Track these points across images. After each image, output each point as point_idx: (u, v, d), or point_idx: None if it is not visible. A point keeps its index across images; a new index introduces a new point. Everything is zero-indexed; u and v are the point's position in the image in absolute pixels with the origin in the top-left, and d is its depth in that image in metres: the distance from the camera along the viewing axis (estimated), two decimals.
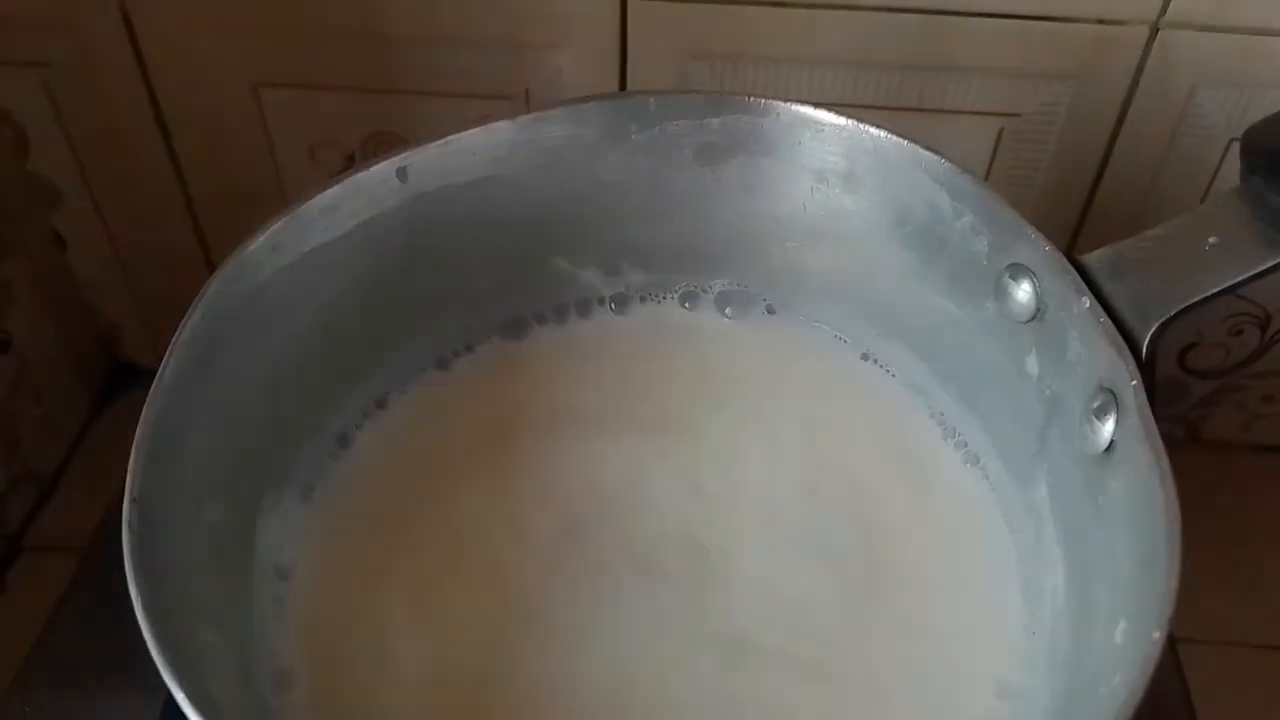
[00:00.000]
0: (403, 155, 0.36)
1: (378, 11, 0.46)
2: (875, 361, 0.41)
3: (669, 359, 0.41)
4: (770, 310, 0.42)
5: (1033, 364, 0.35)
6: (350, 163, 0.51)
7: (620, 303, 0.42)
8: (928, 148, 0.36)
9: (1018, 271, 0.34)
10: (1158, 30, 0.45)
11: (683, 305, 0.42)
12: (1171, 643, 0.45)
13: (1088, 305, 0.32)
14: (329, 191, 0.35)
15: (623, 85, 0.48)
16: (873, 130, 0.36)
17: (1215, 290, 0.31)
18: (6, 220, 0.53)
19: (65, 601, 0.45)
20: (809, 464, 0.38)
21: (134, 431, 0.30)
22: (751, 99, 0.38)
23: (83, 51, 0.48)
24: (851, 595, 0.35)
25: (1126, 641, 0.27)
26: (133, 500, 0.28)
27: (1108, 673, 0.27)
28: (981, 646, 0.34)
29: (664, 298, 0.42)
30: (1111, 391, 0.31)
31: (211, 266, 0.33)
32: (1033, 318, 0.34)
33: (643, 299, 0.42)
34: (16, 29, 0.48)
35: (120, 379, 0.61)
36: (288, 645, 0.33)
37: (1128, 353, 0.31)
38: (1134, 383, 0.30)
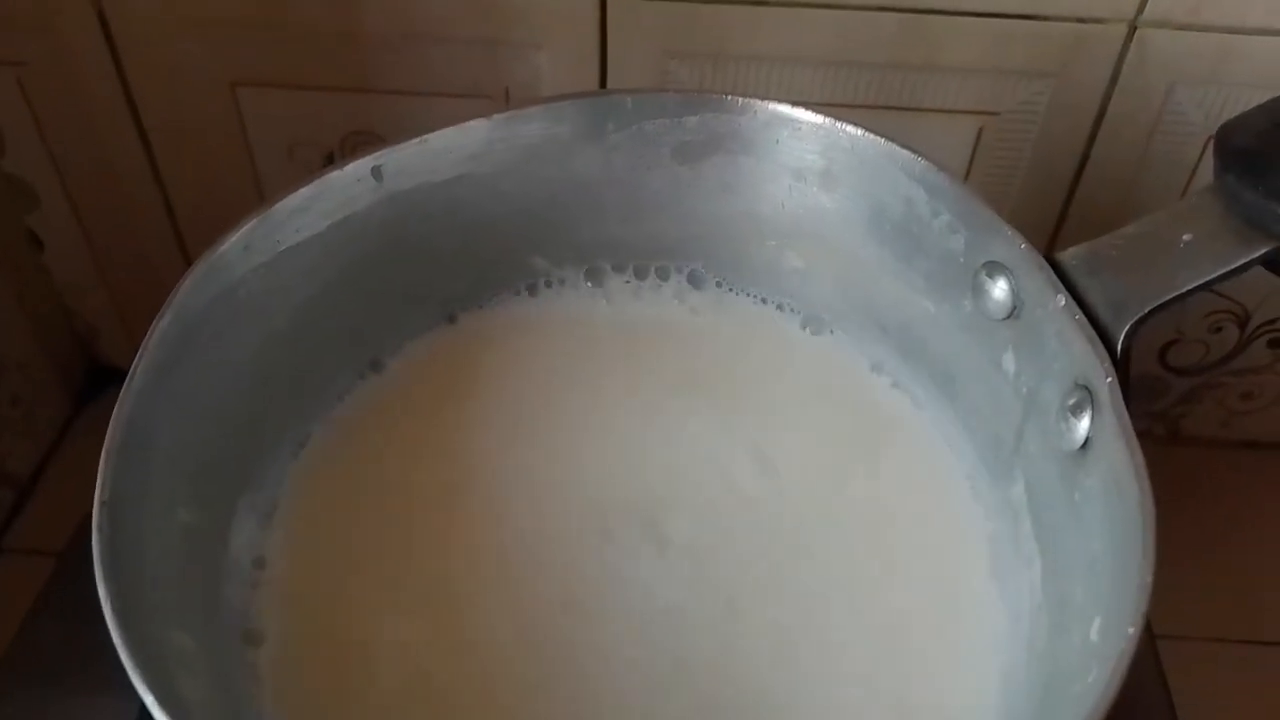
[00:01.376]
0: (377, 154, 0.36)
1: (357, 9, 0.46)
2: (854, 356, 0.41)
3: (644, 342, 0.41)
4: (746, 299, 0.42)
5: (1009, 361, 0.35)
6: (329, 162, 0.51)
7: (593, 282, 0.42)
8: (904, 146, 0.36)
9: (994, 269, 0.34)
10: (1135, 29, 0.45)
11: (659, 290, 0.42)
12: (1152, 639, 0.45)
13: (1063, 303, 0.32)
14: (301, 191, 0.34)
15: (603, 84, 0.48)
16: (849, 129, 0.36)
17: (1189, 287, 0.31)
18: None
19: (42, 603, 0.45)
20: (781, 456, 0.38)
21: None
22: (729, 97, 0.38)
23: (58, 51, 0.48)
24: (822, 590, 0.35)
25: (1102, 638, 0.27)
26: (102, 503, 0.28)
27: (1083, 669, 0.27)
28: (957, 643, 0.34)
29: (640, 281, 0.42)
30: (1087, 388, 0.31)
31: (190, 266, 0.33)
32: (1009, 315, 0.34)
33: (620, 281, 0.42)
34: None
35: (98, 380, 0.61)
36: (261, 646, 0.33)
37: (1103, 349, 0.31)
38: (1109, 379, 0.30)
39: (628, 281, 0.42)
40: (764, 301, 0.42)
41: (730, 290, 0.42)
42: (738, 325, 0.41)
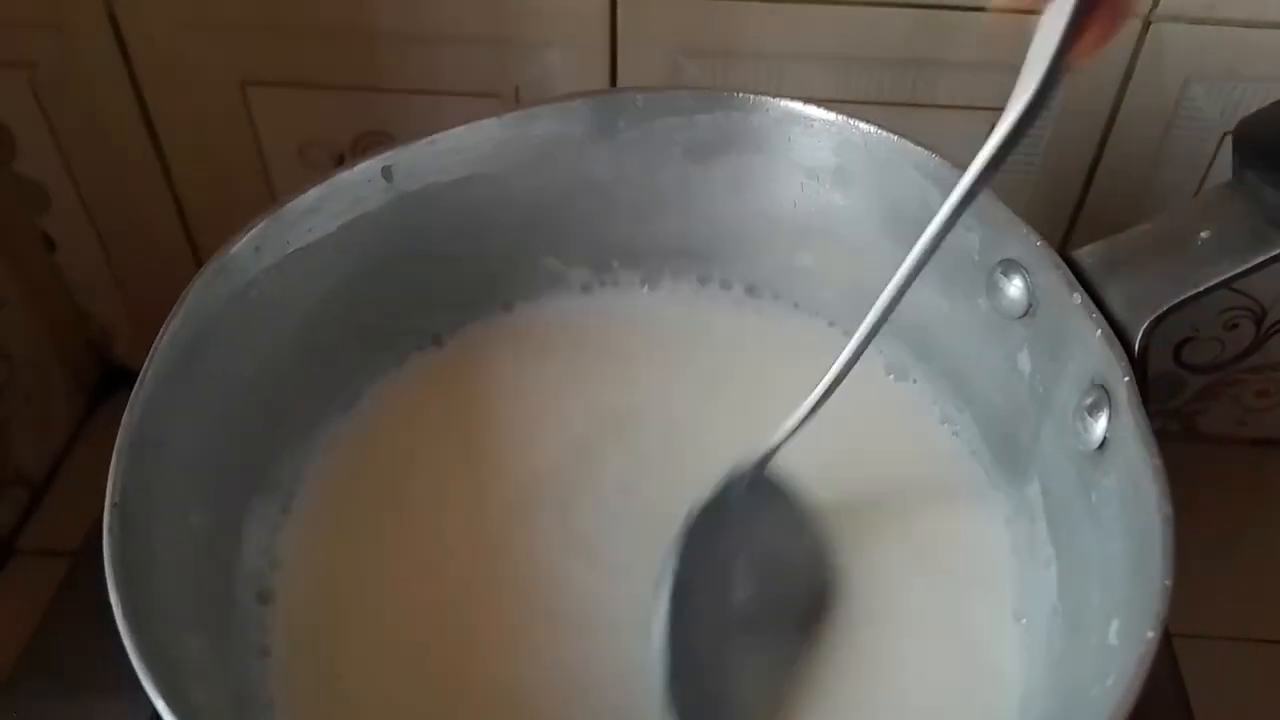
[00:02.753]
0: (387, 154, 0.36)
1: (367, 9, 0.46)
2: (870, 356, 0.40)
3: (658, 343, 0.41)
4: (762, 299, 0.42)
5: (1024, 360, 0.34)
6: (340, 162, 0.51)
7: (603, 284, 0.42)
8: (918, 143, 0.35)
9: (1009, 267, 0.34)
10: (1150, 23, 0.45)
11: (673, 289, 0.42)
12: (1167, 638, 0.45)
13: (1079, 301, 0.31)
14: (312, 192, 0.34)
15: (613, 82, 0.47)
16: (863, 126, 0.36)
17: (1208, 285, 0.31)
18: None
19: (56, 605, 0.45)
20: (800, 453, 0.38)
21: None
22: (740, 95, 0.37)
23: (69, 52, 0.48)
24: (837, 586, 0.35)
25: (1120, 641, 0.27)
26: (114, 505, 0.28)
27: (1102, 673, 0.27)
28: (973, 644, 0.34)
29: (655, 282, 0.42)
30: (1104, 388, 0.31)
31: (201, 266, 0.33)
32: (1025, 314, 0.34)
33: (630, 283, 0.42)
34: (2, 30, 0.47)
35: (112, 381, 0.61)
36: (274, 651, 0.33)
37: (1120, 349, 0.30)
38: (1126, 379, 0.30)
39: (685, 284, 0.42)
40: (776, 300, 0.42)
41: (766, 296, 0.42)
42: (766, 327, 0.41)
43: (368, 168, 0.36)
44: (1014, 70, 0.45)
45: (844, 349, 0.31)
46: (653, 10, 0.45)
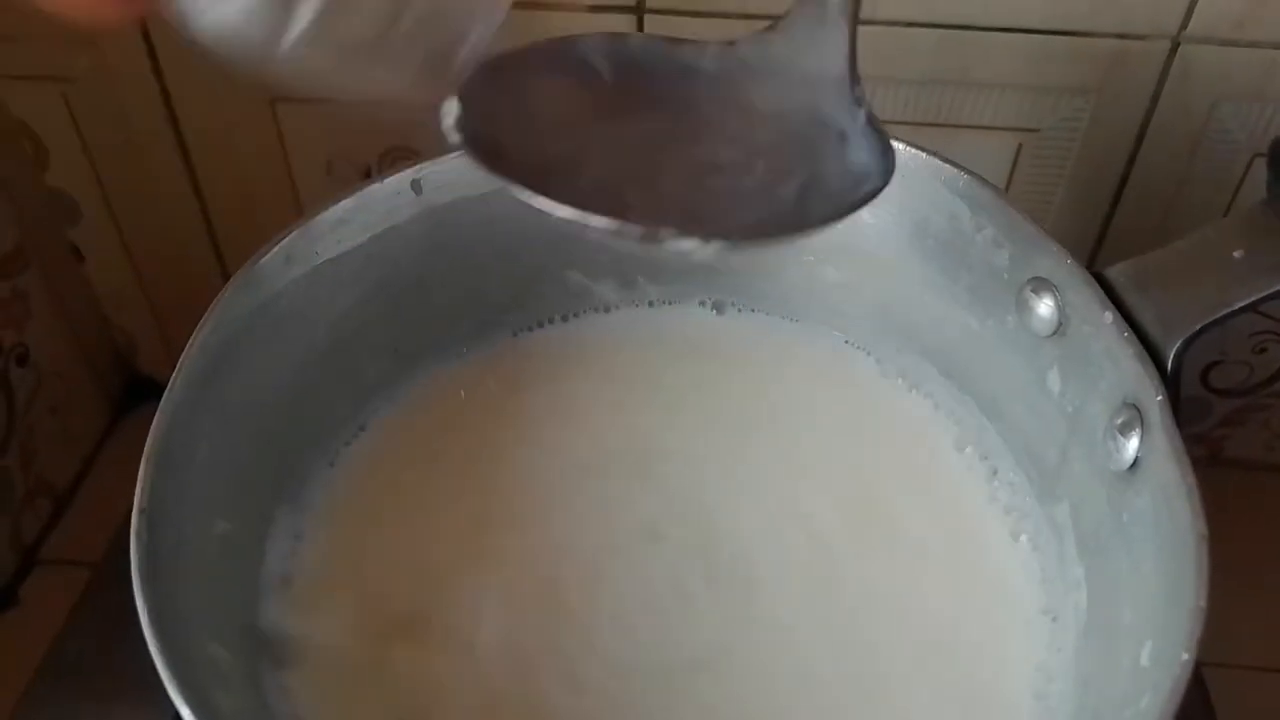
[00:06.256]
0: (417, 167, 0.36)
1: None
2: (894, 374, 0.40)
3: (685, 361, 0.41)
4: (783, 314, 0.42)
5: (1054, 379, 0.34)
6: (367, 177, 0.51)
7: (629, 299, 0.42)
8: (948, 160, 0.35)
9: (1039, 285, 0.34)
10: (1178, 45, 0.44)
11: (701, 308, 0.42)
12: (1196, 667, 0.44)
13: (1111, 320, 0.31)
14: (342, 203, 0.35)
15: None
16: (892, 143, 0.36)
17: (1243, 304, 0.30)
18: (25, 233, 0.53)
19: (78, 614, 0.45)
20: (822, 476, 0.38)
21: None
22: None
23: (102, 67, 0.48)
24: (865, 614, 0.35)
25: (1154, 663, 0.27)
26: (141, 511, 0.28)
27: (1134, 695, 0.27)
28: (1002, 667, 0.33)
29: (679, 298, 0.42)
30: (1136, 407, 0.30)
31: (228, 280, 0.33)
32: (1054, 332, 0.34)
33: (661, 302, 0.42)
34: (37, 44, 0.48)
35: (137, 392, 0.62)
36: (297, 659, 0.32)
37: (1153, 367, 0.30)
38: (1159, 398, 0.29)
39: (710, 299, 0.42)
40: (801, 318, 0.41)
41: (788, 312, 0.42)
42: (786, 343, 0.41)
43: (398, 180, 0.36)
44: (1038, 91, 0.46)
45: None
46: (680, 31, 0.45)
